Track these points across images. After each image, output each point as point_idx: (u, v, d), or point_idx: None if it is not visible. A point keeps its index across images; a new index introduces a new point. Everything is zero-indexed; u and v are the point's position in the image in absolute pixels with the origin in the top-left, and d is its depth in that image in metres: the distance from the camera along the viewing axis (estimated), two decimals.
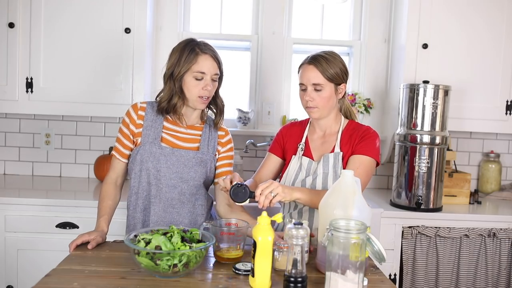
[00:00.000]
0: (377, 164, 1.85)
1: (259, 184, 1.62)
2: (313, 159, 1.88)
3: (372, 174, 1.84)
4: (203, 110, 1.89)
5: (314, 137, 1.92)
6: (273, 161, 1.99)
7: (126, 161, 1.86)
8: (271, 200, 1.58)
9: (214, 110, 1.90)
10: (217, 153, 1.89)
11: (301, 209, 1.86)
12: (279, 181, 1.94)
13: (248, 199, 1.59)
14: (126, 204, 1.87)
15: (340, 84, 1.82)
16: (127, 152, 1.85)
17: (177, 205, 1.80)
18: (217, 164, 1.91)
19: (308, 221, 1.82)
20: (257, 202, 1.59)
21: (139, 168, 1.79)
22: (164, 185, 1.79)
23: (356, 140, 1.82)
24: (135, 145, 1.83)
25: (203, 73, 1.73)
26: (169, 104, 1.78)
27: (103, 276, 1.43)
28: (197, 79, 1.74)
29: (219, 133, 1.91)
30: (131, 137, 1.83)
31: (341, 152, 1.82)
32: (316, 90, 1.79)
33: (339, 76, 1.80)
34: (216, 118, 1.89)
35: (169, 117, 1.84)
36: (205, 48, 1.76)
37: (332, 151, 1.85)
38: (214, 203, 1.95)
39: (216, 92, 1.85)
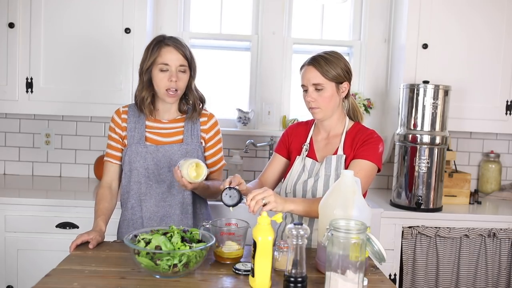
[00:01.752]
0: (378, 170, 1.81)
1: (252, 190, 1.59)
2: (316, 160, 1.86)
3: (372, 180, 1.81)
4: (180, 103, 1.90)
5: (318, 138, 1.91)
6: (278, 161, 1.97)
7: (118, 162, 1.91)
8: (262, 207, 1.55)
9: (191, 103, 1.90)
10: (202, 140, 1.91)
11: None
12: (283, 181, 1.94)
13: (239, 204, 1.59)
14: (120, 203, 1.92)
15: (342, 83, 1.81)
16: (119, 154, 1.90)
17: (168, 198, 1.85)
18: (207, 153, 1.93)
19: (309, 221, 1.82)
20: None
21: (128, 168, 1.85)
22: (153, 182, 1.84)
23: (359, 143, 1.80)
24: (123, 147, 1.88)
25: (166, 64, 1.77)
26: (139, 98, 1.84)
27: (103, 276, 1.43)
28: (162, 71, 1.78)
29: (201, 119, 1.91)
30: (121, 140, 1.89)
31: (344, 155, 1.80)
32: (317, 90, 1.78)
33: (340, 75, 1.78)
34: (189, 113, 1.89)
35: (150, 115, 1.88)
36: (169, 40, 1.80)
37: (335, 153, 1.83)
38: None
39: (189, 86, 1.87)
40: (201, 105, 1.92)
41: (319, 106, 1.79)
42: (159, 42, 1.80)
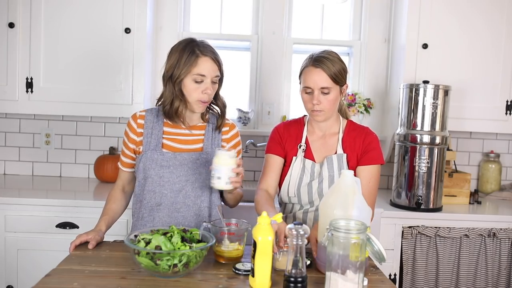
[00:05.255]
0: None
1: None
2: (315, 161, 1.85)
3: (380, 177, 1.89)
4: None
5: (313, 138, 1.88)
6: (277, 163, 1.89)
7: (129, 170, 1.86)
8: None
9: (217, 111, 1.86)
10: None
11: (306, 209, 1.84)
12: (281, 184, 1.89)
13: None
14: (131, 212, 1.86)
15: (343, 85, 1.80)
16: (128, 161, 1.85)
17: (182, 208, 1.77)
18: None
19: (313, 222, 1.81)
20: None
21: (142, 176, 1.78)
22: (168, 191, 1.76)
23: (361, 147, 1.82)
24: (138, 154, 1.81)
25: (203, 75, 1.70)
26: (171, 108, 1.75)
27: (103, 276, 1.43)
28: (196, 82, 1.70)
29: (223, 129, 1.86)
30: (131, 146, 1.82)
31: (345, 154, 1.81)
32: (323, 93, 1.75)
33: (343, 77, 1.78)
34: (218, 121, 1.84)
35: (169, 121, 1.81)
36: (205, 50, 1.71)
37: (335, 152, 1.83)
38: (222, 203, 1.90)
39: (217, 93, 1.81)
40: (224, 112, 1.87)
41: (323, 109, 1.77)
42: (194, 50, 1.69)
